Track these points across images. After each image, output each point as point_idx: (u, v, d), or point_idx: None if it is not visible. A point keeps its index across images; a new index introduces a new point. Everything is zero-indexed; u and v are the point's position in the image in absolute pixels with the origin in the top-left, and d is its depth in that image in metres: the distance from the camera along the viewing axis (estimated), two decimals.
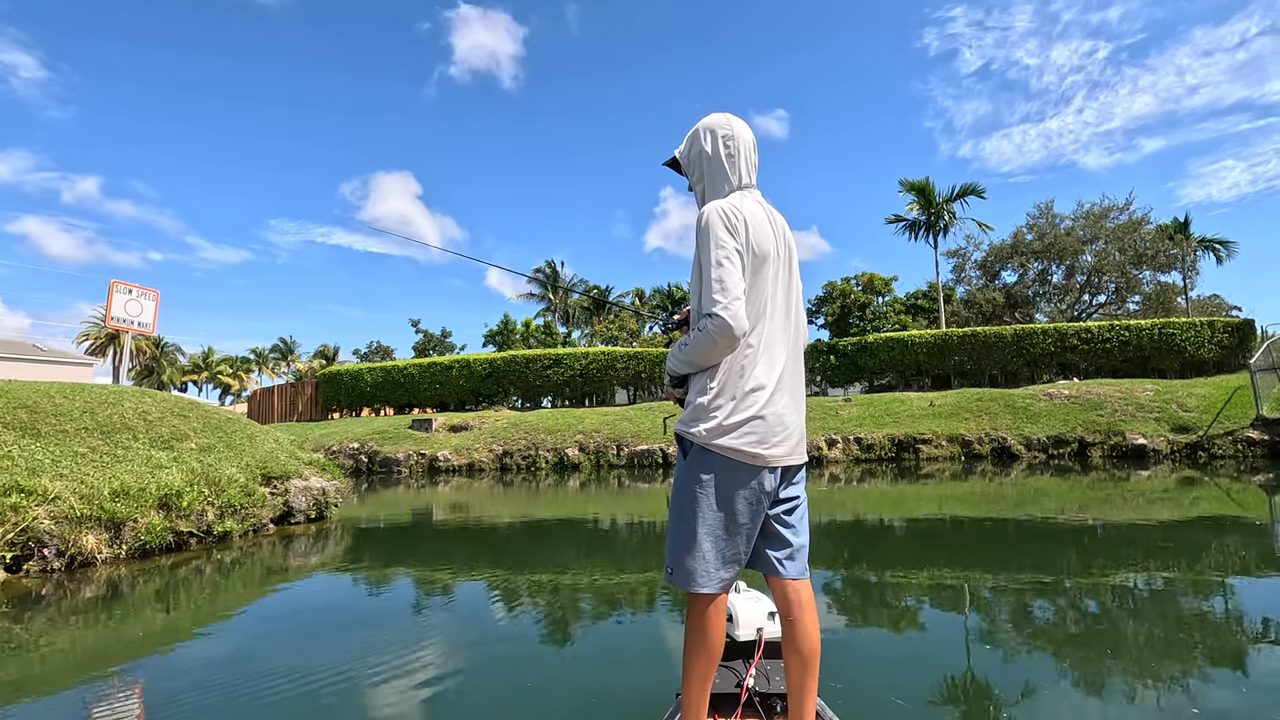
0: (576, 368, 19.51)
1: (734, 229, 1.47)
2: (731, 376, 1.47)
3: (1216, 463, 10.91)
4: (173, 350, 54.73)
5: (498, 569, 4.78)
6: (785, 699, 1.66)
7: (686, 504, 1.48)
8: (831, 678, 2.35)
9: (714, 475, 1.46)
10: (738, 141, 1.63)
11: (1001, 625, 3.17)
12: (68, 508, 4.64)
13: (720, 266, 1.42)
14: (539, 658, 2.86)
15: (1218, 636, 2.89)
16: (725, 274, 1.42)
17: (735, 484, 1.45)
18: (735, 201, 1.54)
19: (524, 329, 34.10)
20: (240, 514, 5.88)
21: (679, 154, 1.73)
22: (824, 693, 1.78)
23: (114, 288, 8.70)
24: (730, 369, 1.47)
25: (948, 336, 18.31)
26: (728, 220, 1.48)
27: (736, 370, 1.47)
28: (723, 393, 1.46)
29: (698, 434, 1.46)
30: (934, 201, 23.98)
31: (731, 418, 1.44)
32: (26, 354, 33.85)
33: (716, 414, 1.44)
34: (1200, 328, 16.86)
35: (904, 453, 13.59)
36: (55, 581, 4.30)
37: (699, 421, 1.46)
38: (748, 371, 1.47)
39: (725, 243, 1.45)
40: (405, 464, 14.83)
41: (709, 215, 1.50)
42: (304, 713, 2.30)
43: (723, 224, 1.47)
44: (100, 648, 3.13)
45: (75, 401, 6.11)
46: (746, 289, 1.46)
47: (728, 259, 1.44)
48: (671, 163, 1.77)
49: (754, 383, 1.46)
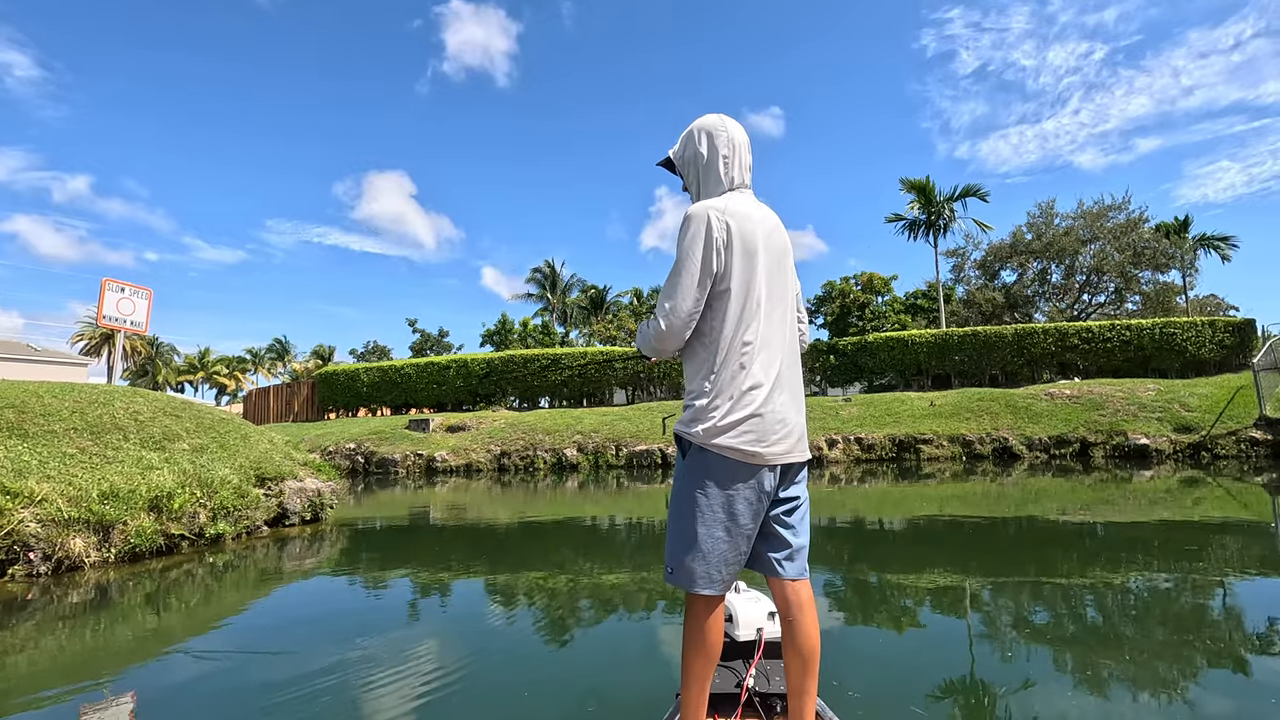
0: (575, 368, 19.40)
1: (713, 235, 1.47)
2: (728, 375, 1.46)
3: (1220, 463, 10.86)
4: (168, 350, 54.49)
5: (495, 570, 4.70)
6: (785, 699, 1.65)
7: (686, 504, 1.48)
8: (832, 678, 2.32)
9: (713, 475, 1.45)
10: (732, 144, 1.62)
11: (1004, 626, 3.14)
12: (55, 510, 4.52)
13: (678, 276, 1.47)
14: (538, 658, 2.85)
15: (1222, 639, 2.85)
16: (680, 284, 1.46)
17: (734, 484, 1.44)
18: (725, 202, 1.53)
19: (522, 329, 33.98)
20: (233, 516, 5.77)
21: (673, 154, 1.73)
22: (824, 692, 1.76)
23: (106, 286, 8.57)
24: (727, 367, 1.47)
25: (948, 336, 18.25)
26: (709, 226, 1.48)
27: (734, 368, 1.46)
28: (720, 393, 1.45)
29: (696, 434, 1.46)
30: (934, 200, 23.93)
31: (729, 416, 1.43)
32: (21, 354, 33.65)
33: (714, 414, 1.44)
34: (1201, 327, 16.81)
35: (905, 453, 13.52)
36: (42, 586, 4.19)
37: (697, 422, 1.46)
38: (745, 370, 1.46)
39: (692, 252, 1.47)
40: (402, 464, 14.71)
41: (691, 218, 1.51)
42: (299, 718, 2.24)
43: (701, 231, 1.48)
44: (89, 654, 3.04)
45: (65, 401, 5.99)
46: (699, 299, 1.47)
47: (686, 270, 1.47)
48: (666, 163, 1.77)
49: (751, 381, 1.45)
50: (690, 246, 1.47)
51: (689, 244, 1.47)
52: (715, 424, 1.43)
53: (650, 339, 1.53)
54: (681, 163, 1.70)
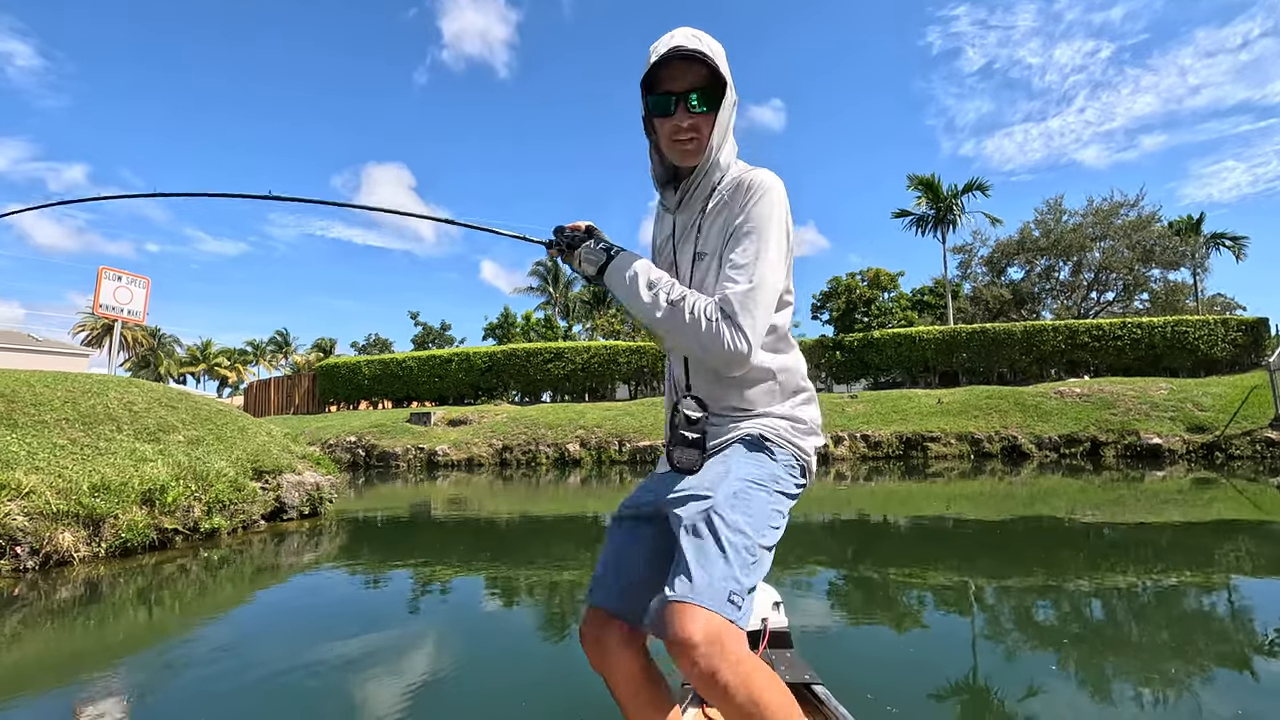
0: (578, 361, 19.23)
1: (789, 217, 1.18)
2: (804, 375, 1.32)
3: (1234, 463, 10.66)
4: (170, 342, 54.47)
5: (496, 567, 4.58)
6: (791, 688, 1.62)
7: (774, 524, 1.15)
8: (838, 678, 2.24)
9: (796, 489, 1.25)
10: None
11: (1009, 627, 3.09)
12: (43, 503, 4.37)
13: (763, 285, 1.07)
14: (538, 655, 2.83)
15: (1236, 643, 2.77)
16: (766, 296, 1.08)
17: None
18: None
19: (524, 322, 33.80)
20: (229, 510, 5.62)
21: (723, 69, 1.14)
22: (830, 690, 1.70)
23: (102, 274, 8.41)
24: (799, 365, 1.31)
25: (956, 333, 18.03)
26: (790, 223, 1.17)
27: (804, 368, 1.32)
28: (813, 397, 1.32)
29: (805, 448, 1.25)
30: (942, 196, 23.67)
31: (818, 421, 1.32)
32: (22, 344, 33.59)
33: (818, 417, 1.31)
34: (1214, 326, 16.57)
35: (912, 451, 13.34)
36: (29, 582, 4.05)
37: (813, 433, 1.28)
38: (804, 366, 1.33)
39: (778, 230, 1.12)
40: (403, 458, 14.58)
41: (772, 187, 1.13)
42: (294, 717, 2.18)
43: (785, 207, 1.15)
44: (78, 652, 2.94)
45: (57, 391, 5.84)
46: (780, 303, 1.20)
47: (773, 277, 1.09)
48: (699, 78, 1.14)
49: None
50: (775, 218, 1.11)
51: (773, 215, 1.11)
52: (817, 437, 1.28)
53: (693, 338, 1.06)
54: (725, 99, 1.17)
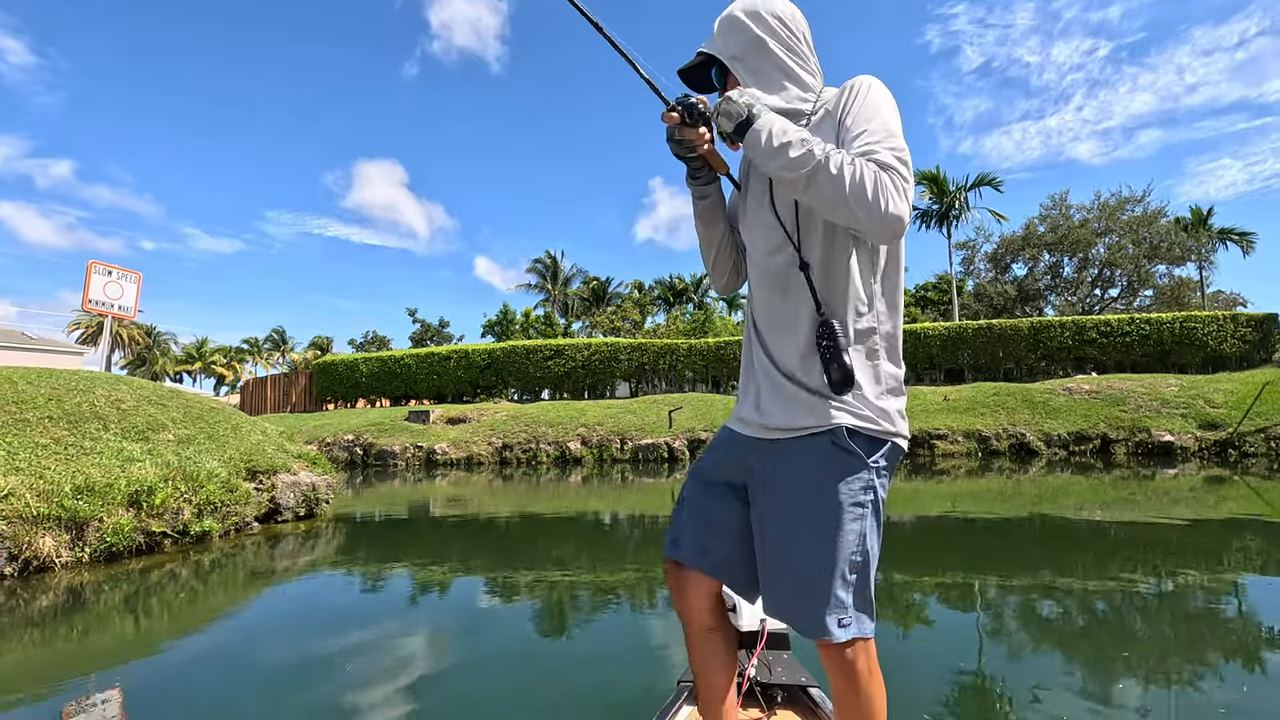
0: (579, 359, 18.99)
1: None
2: (897, 354, 1.13)
3: (1248, 460, 10.48)
4: (166, 340, 54.12)
5: (496, 567, 4.43)
6: (786, 689, 1.70)
7: (875, 521, 1.09)
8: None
9: (890, 479, 1.11)
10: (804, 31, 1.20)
11: (1012, 628, 3.07)
12: (22, 505, 4.14)
13: (909, 157, 1.00)
14: (537, 654, 2.82)
15: (1248, 642, 2.74)
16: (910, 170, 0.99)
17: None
18: None
19: (524, 319, 33.57)
20: (221, 512, 5.39)
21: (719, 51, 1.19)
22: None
23: (92, 268, 8.16)
24: (894, 342, 1.12)
25: (962, 329, 17.82)
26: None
27: (898, 347, 1.13)
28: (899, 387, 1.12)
29: (901, 432, 1.10)
30: (947, 190, 23.44)
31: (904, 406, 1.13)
32: (16, 342, 33.25)
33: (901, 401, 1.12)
34: (1223, 322, 16.39)
35: (918, 448, 13.14)
36: (7, 589, 3.85)
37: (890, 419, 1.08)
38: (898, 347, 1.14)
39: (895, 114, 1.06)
40: (401, 457, 14.35)
41: (874, 84, 1.09)
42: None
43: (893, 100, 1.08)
44: (59, 664, 2.80)
45: (40, 388, 5.60)
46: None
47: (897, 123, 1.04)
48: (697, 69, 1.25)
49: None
50: (887, 104, 1.05)
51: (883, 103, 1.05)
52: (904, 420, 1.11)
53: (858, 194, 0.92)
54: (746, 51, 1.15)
